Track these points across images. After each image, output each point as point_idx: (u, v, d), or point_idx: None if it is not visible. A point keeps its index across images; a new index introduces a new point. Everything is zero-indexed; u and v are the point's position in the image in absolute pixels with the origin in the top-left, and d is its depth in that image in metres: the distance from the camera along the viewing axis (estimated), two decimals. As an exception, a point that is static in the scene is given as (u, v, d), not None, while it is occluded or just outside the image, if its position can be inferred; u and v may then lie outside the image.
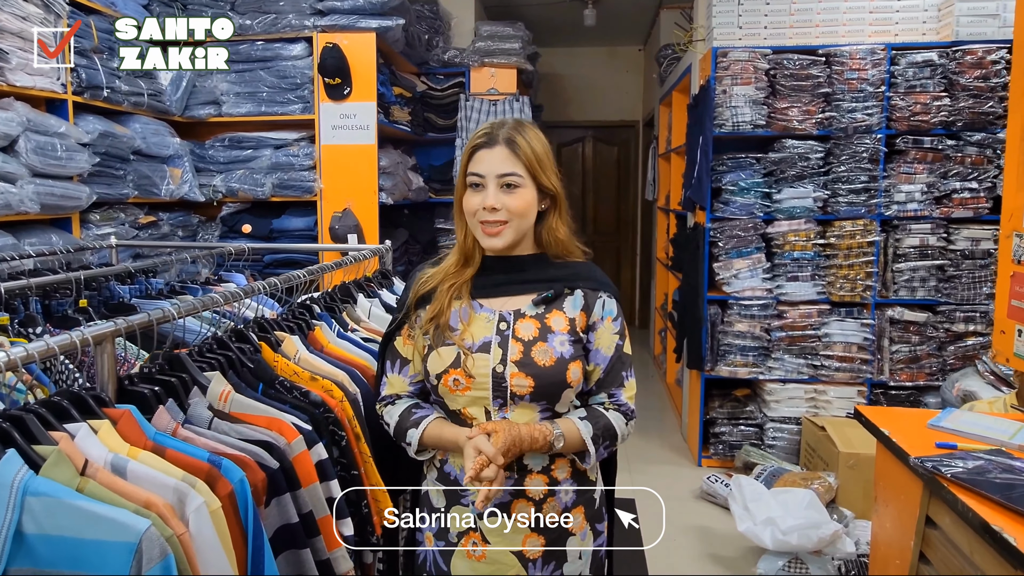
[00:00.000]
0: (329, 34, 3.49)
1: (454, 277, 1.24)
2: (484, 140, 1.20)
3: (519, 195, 1.18)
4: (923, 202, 3.38)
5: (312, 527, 1.03)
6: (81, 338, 0.89)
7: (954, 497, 1.47)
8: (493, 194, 1.17)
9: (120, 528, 0.72)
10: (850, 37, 3.42)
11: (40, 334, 1.43)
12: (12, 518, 0.72)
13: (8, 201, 2.43)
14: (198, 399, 1.04)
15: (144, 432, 0.89)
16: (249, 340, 1.27)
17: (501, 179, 1.17)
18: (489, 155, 1.18)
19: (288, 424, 1.06)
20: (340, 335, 1.53)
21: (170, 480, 0.81)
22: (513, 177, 1.17)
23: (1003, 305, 1.25)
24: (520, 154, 1.18)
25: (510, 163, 1.17)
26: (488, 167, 1.18)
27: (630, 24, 6.03)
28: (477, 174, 1.19)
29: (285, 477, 0.99)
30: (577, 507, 1.23)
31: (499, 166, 1.17)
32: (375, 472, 1.27)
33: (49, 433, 0.80)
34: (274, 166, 3.61)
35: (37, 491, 0.73)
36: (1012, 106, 1.31)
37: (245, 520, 0.87)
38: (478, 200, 1.18)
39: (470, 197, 1.20)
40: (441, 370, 1.18)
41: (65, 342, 0.88)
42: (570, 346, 1.19)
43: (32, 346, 0.84)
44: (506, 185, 1.17)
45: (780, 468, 3.22)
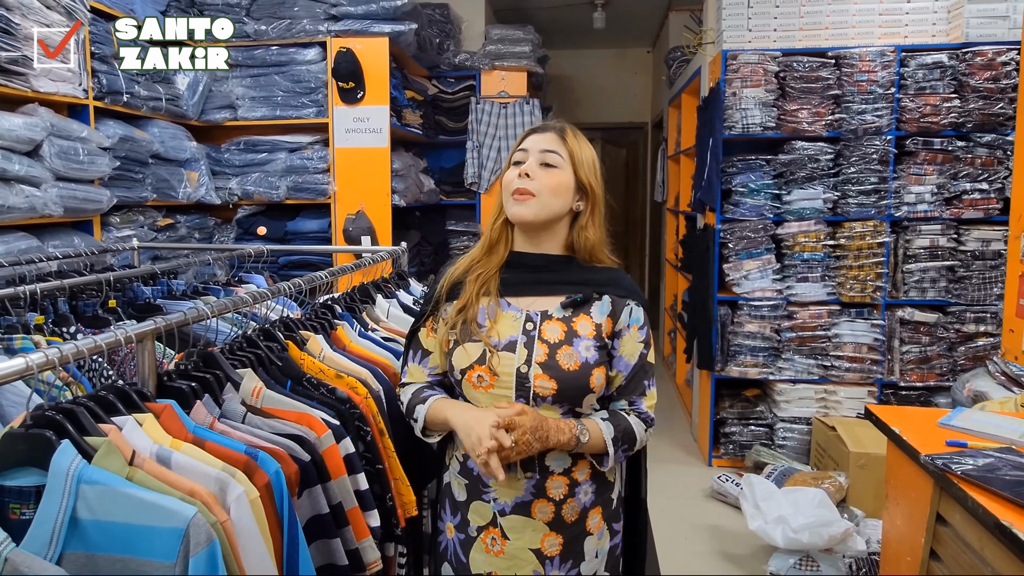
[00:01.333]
0: (343, 39, 3.55)
1: (481, 267, 1.26)
2: (539, 127, 1.28)
3: (554, 174, 1.22)
4: (933, 203, 3.40)
5: (341, 518, 1.07)
6: (125, 335, 0.94)
7: (964, 494, 1.49)
8: (531, 164, 1.22)
9: (169, 514, 0.76)
10: (860, 39, 3.44)
11: (73, 334, 1.48)
12: (68, 505, 0.76)
13: (33, 204, 2.48)
14: (232, 395, 1.08)
15: (185, 425, 0.93)
16: (276, 339, 1.31)
17: (543, 154, 1.22)
18: (540, 136, 1.25)
19: (318, 419, 1.10)
20: (361, 334, 1.58)
21: (212, 470, 0.85)
22: (553, 156, 1.23)
23: (1012, 304, 1.28)
24: (566, 140, 1.25)
25: (555, 144, 1.24)
26: (533, 143, 1.25)
27: (639, 26, 6.07)
28: (522, 149, 1.25)
29: (316, 470, 1.03)
30: (595, 507, 1.26)
31: (544, 143, 1.24)
32: (399, 466, 1.30)
33: (99, 425, 0.84)
34: (289, 169, 3.66)
35: (91, 479, 0.77)
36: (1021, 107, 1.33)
37: (281, 509, 0.92)
38: (516, 171, 1.23)
39: (510, 172, 1.24)
40: (466, 365, 1.21)
41: (111, 339, 0.92)
42: (595, 351, 1.20)
43: (82, 343, 0.88)
44: (545, 164, 1.22)
45: (791, 468, 3.24)
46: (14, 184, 2.44)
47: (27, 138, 2.47)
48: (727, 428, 3.72)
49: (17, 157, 2.44)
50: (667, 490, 3.43)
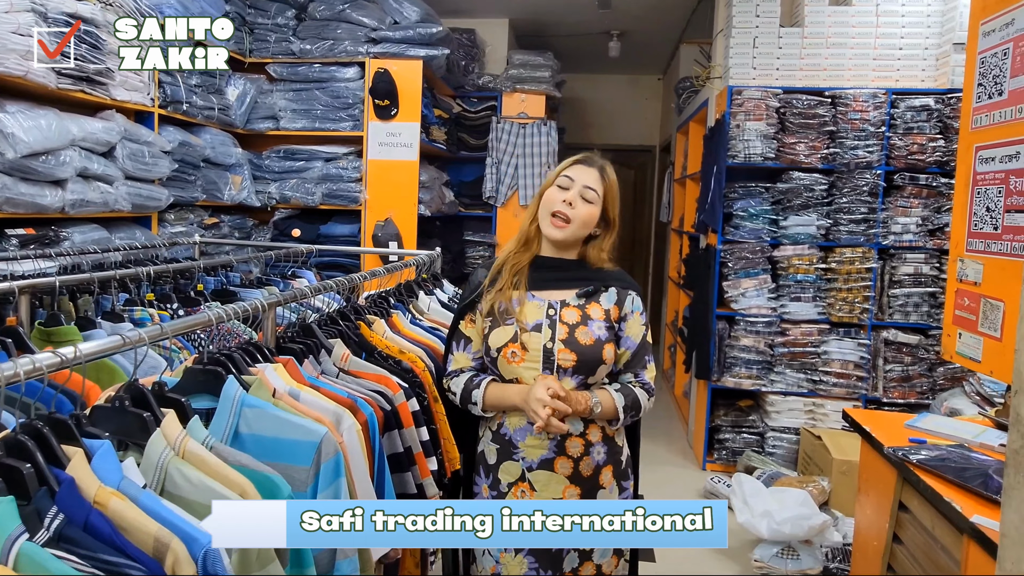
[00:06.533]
0: (381, 60, 3.86)
1: (515, 258, 1.56)
2: (585, 159, 1.56)
3: (589, 209, 1.52)
4: (918, 234, 3.69)
5: (412, 458, 1.35)
6: (260, 303, 1.22)
7: (918, 478, 1.77)
8: (575, 195, 1.50)
9: (307, 431, 1.03)
10: (855, 81, 3.74)
11: (175, 310, 1.76)
12: (233, 421, 1.03)
13: (107, 200, 2.78)
14: (326, 358, 1.37)
15: (303, 375, 1.21)
16: (350, 320, 1.60)
17: (585, 190, 1.51)
18: (585, 170, 1.54)
19: (393, 381, 1.38)
20: (413, 321, 1.86)
21: (330, 405, 1.13)
22: (593, 193, 1.52)
23: (950, 314, 1.56)
24: (606, 180, 1.54)
25: (596, 182, 1.52)
26: (580, 176, 1.53)
27: (651, 56, 6.40)
28: (570, 177, 1.53)
29: (394, 418, 1.31)
30: (607, 466, 1.54)
31: (588, 179, 1.52)
32: (447, 428, 1.58)
33: (249, 368, 1.12)
34: (324, 177, 3.96)
35: (250, 403, 1.05)
36: (960, 156, 1.62)
37: (373, 442, 1.19)
38: (561, 195, 1.51)
39: (555, 192, 1.52)
40: (502, 344, 1.49)
41: (245, 309, 1.21)
42: (605, 331, 1.51)
43: (229, 307, 1.16)
44: (584, 198, 1.51)
45: (778, 472, 3.50)
46: (92, 181, 2.73)
47: (105, 140, 2.77)
48: (721, 435, 3.98)
49: (96, 157, 2.73)
50: (663, 489, 3.69)
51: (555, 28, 5.54)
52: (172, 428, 0.90)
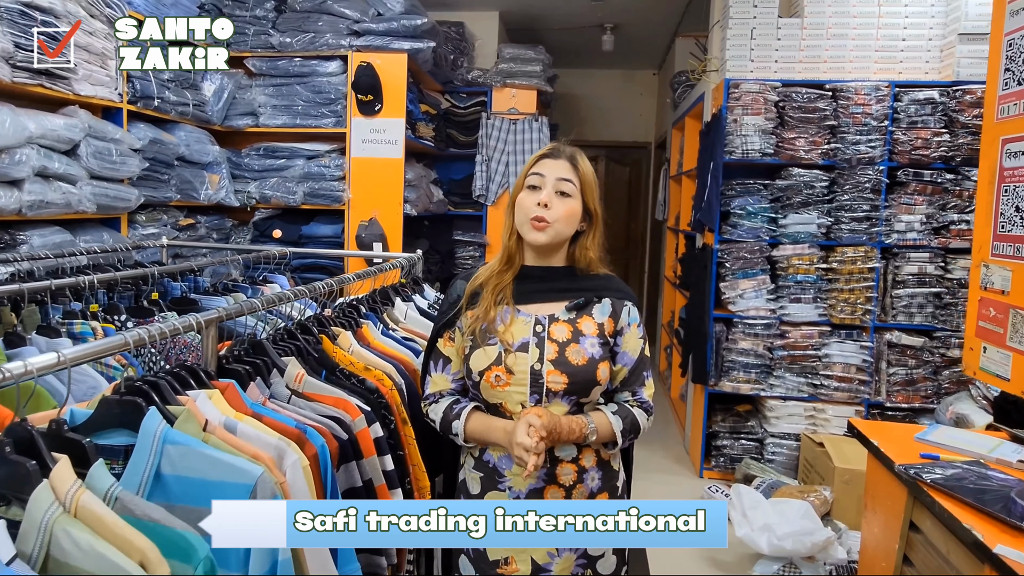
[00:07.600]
0: (364, 54, 3.71)
1: (497, 278, 1.39)
2: (550, 152, 1.39)
3: (568, 203, 1.35)
4: (922, 232, 3.55)
5: (372, 492, 1.20)
6: (197, 321, 1.08)
7: (932, 500, 1.63)
8: (548, 193, 1.33)
9: (240, 472, 0.89)
10: (856, 74, 3.60)
11: (124, 322, 1.61)
12: (154, 461, 0.89)
13: (69, 200, 2.62)
14: (278, 379, 1.22)
15: (244, 401, 1.06)
16: (311, 333, 1.45)
17: (559, 183, 1.34)
18: (553, 163, 1.37)
19: (352, 404, 1.23)
20: (384, 332, 1.71)
21: (271, 439, 0.98)
22: (568, 185, 1.35)
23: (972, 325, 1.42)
24: (578, 169, 1.37)
25: (568, 172, 1.36)
26: (550, 171, 1.36)
27: (646, 50, 6.26)
28: (539, 174, 1.36)
29: (352, 448, 1.16)
30: (602, 492, 1.39)
31: (560, 171, 1.35)
32: (417, 454, 1.44)
33: (177, 397, 0.98)
34: (306, 175, 3.81)
35: (173, 440, 0.90)
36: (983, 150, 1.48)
37: (325, 478, 1.05)
38: (534, 198, 1.34)
39: (527, 196, 1.35)
40: (484, 367, 1.33)
41: (186, 323, 1.06)
42: (599, 348, 1.34)
43: (163, 325, 1.02)
44: (561, 192, 1.34)
45: (778, 481, 3.37)
46: (53, 181, 2.58)
47: (67, 138, 2.61)
48: (719, 441, 3.85)
49: (57, 155, 2.58)
50: (658, 498, 3.55)
51: (547, 21, 5.39)
52: (63, 478, 0.75)
